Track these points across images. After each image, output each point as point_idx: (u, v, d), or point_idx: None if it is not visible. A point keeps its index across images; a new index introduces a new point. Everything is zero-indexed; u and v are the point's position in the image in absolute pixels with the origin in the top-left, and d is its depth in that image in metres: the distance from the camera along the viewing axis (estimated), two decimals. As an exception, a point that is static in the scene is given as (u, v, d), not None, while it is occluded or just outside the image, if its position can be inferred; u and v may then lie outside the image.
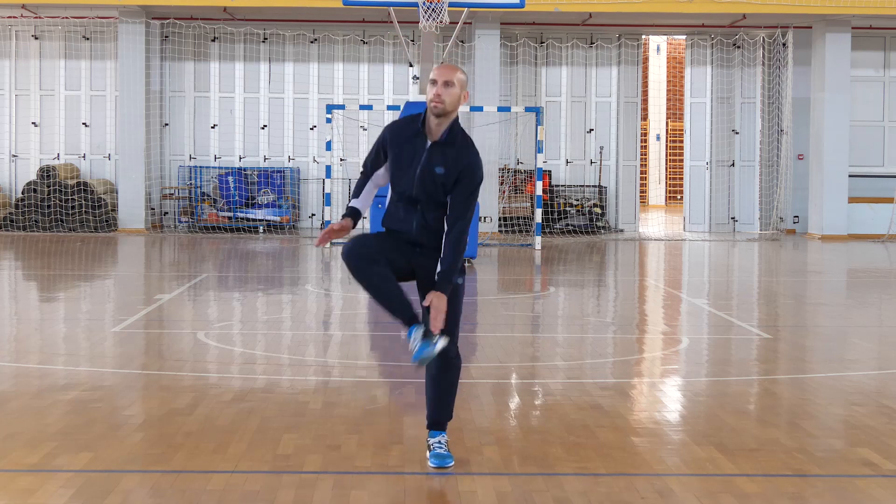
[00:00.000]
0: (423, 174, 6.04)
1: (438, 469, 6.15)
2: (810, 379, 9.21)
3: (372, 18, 25.68)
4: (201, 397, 7.98)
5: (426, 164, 6.05)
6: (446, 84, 6.01)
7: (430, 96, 6.01)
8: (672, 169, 39.02)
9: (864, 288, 17.13)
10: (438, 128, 6.07)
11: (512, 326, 12.30)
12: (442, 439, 6.26)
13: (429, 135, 6.08)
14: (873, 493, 5.88)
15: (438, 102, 5.99)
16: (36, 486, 5.81)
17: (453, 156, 6.05)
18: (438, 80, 6.01)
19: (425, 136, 6.09)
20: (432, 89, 6.01)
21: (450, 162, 6.04)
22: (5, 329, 11.77)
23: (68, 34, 26.40)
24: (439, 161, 6.04)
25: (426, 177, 6.04)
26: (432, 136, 6.08)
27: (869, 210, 26.16)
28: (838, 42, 25.45)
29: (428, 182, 6.04)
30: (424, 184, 6.04)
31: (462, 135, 6.13)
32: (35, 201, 24.76)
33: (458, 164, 6.05)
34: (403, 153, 6.08)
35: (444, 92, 6.00)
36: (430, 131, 6.08)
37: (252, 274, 17.83)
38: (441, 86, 6.00)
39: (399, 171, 6.09)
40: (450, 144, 6.07)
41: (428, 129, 6.08)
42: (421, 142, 6.08)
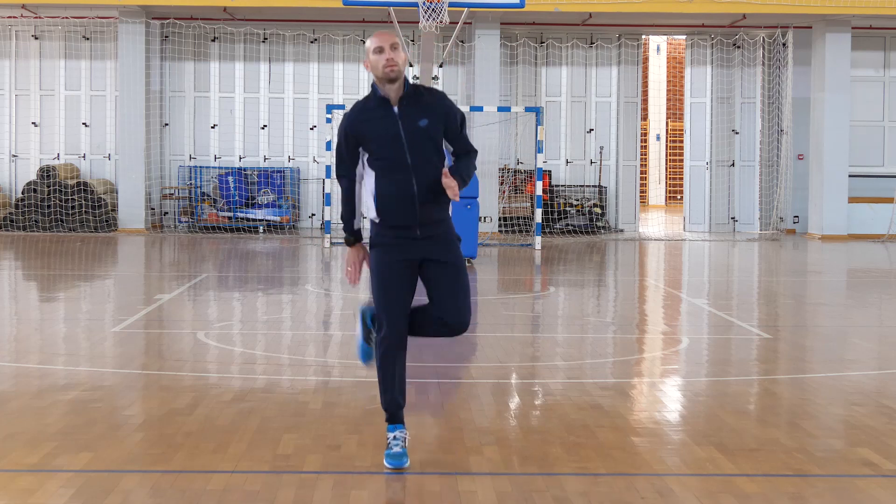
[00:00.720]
0: (410, 135, 6.05)
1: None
2: (810, 379, 9.21)
3: (372, 18, 25.68)
4: (201, 397, 7.98)
5: (407, 124, 6.05)
6: (393, 47, 6.04)
7: (383, 63, 6.02)
8: (672, 169, 39.02)
9: (864, 288, 17.13)
10: (397, 92, 6.09)
11: (512, 326, 12.30)
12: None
13: (391, 101, 6.09)
14: (873, 493, 5.88)
15: (393, 66, 6.03)
16: (36, 486, 5.81)
17: (427, 103, 6.12)
18: (385, 45, 6.04)
19: (389, 104, 6.09)
20: (381, 56, 6.03)
21: (427, 110, 6.09)
22: (5, 329, 11.77)
23: (68, 34, 26.40)
24: (417, 115, 6.07)
25: (414, 136, 6.04)
26: (395, 101, 6.09)
27: (869, 210, 26.16)
28: (838, 42, 25.45)
29: (418, 140, 6.04)
30: (415, 143, 6.04)
31: (419, 86, 6.18)
32: (35, 201, 24.76)
33: (437, 109, 6.12)
34: (379, 128, 6.07)
35: (394, 55, 6.03)
36: (390, 98, 6.10)
37: (252, 274, 17.83)
38: (390, 50, 6.03)
39: (383, 148, 6.06)
40: (416, 96, 6.11)
41: (386, 97, 6.10)
42: (388, 111, 6.09)
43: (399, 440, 6.19)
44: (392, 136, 6.05)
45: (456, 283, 6.14)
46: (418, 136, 6.05)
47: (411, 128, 6.05)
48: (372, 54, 6.06)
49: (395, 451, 6.16)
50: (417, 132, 6.05)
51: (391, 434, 6.21)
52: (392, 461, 6.14)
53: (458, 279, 6.15)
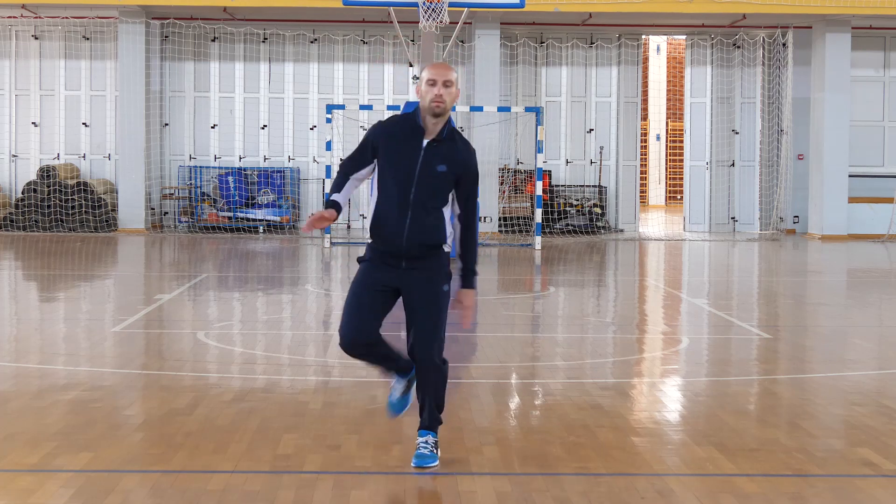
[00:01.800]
0: (424, 173, 6.04)
1: (419, 469, 6.15)
2: (810, 379, 9.21)
3: (372, 18, 25.67)
4: (201, 397, 7.99)
5: (426, 162, 6.05)
6: (446, 84, 6.03)
7: (431, 97, 6.01)
8: (672, 169, 39.02)
9: (864, 288, 17.13)
10: (435, 126, 6.08)
11: (512, 326, 12.30)
12: (429, 439, 6.25)
13: (425, 133, 6.09)
14: (873, 493, 5.88)
15: (440, 102, 6.01)
16: (36, 486, 5.81)
17: (453, 153, 6.09)
18: (438, 80, 6.02)
19: (421, 135, 6.09)
20: (431, 90, 6.01)
21: (450, 160, 6.07)
22: (5, 329, 11.77)
23: (68, 34, 26.40)
24: (440, 159, 6.05)
25: (426, 175, 6.04)
26: (429, 135, 6.08)
27: (869, 210, 26.15)
28: (838, 42, 25.45)
29: (428, 181, 6.04)
30: (424, 182, 6.04)
31: (458, 133, 6.19)
32: (35, 201, 24.76)
33: (459, 162, 6.09)
34: (399, 153, 6.07)
35: (444, 92, 6.02)
36: (426, 130, 6.09)
37: (252, 274, 17.83)
38: (441, 86, 6.02)
39: (395, 170, 6.06)
40: (449, 142, 6.10)
41: (424, 128, 6.09)
42: (417, 140, 6.08)
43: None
44: (407, 167, 6.05)
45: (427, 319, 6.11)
46: (431, 178, 6.05)
47: (427, 168, 6.05)
48: (424, 84, 6.05)
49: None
50: (432, 175, 6.05)
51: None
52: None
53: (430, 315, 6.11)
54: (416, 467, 6.15)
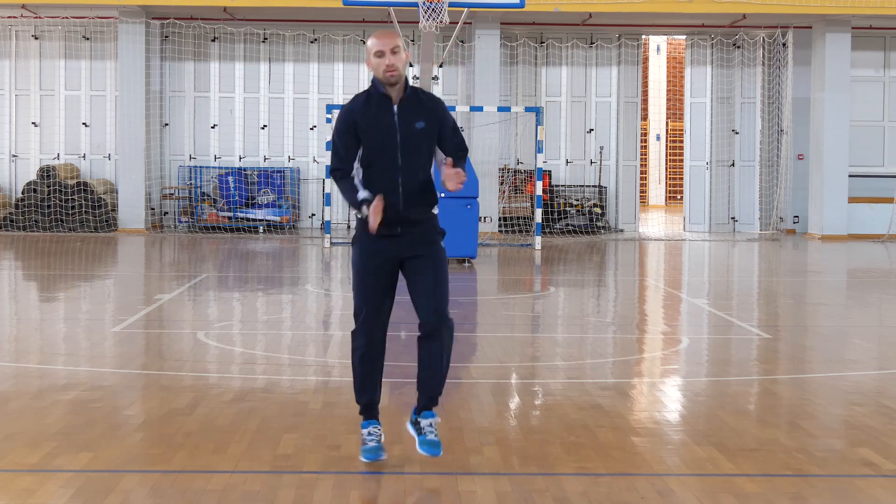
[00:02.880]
0: (405, 135, 6.09)
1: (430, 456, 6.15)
2: (810, 379, 9.21)
3: (372, 18, 25.67)
4: (201, 397, 7.99)
5: (404, 125, 6.09)
6: (394, 51, 6.07)
7: (383, 68, 6.05)
8: (672, 169, 39.02)
9: (864, 288, 17.13)
10: (397, 92, 6.14)
11: (512, 326, 12.30)
12: (434, 421, 6.24)
13: (391, 101, 6.14)
14: (873, 493, 5.88)
15: (393, 71, 6.07)
16: (36, 486, 5.81)
17: (425, 106, 6.16)
18: (385, 49, 6.06)
19: (389, 102, 6.13)
20: (382, 61, 6.05)
21: (425, 113, 6.14)
22: (5, 329, 11.77)
23: (68, 34, 26.40)
24: (415, 117, 6.11)
25: (409, 137, 6.09)
26: (396, 100, 6.14)
27: (869, 210, 26.16)
28: (838, 42, 25.45)
29: (412, 142, 6.10)
30: (408, 144, 6.09)
31: (419, 89, 6.24)
32: (35, 201, 24.76)
33: (435, 113, 6.16)
34: (377, 124, 6.10)
35: (395, 60, 6.06)
36: (391, 97, 6.14)
37: (252, 274, 17.83)
38: (390, 54, 6.06)
39: (379, 142, 6.09)
40: (415, 99, 6.16)
41: (388, 95, 6.14)
42: (387, 109, 6.12)
43: (374, 436, 6.25)
44: (388, 134, 6.09)
45: (430, 276, 6.13)
46: (413, 137, 6.11)
47: (408, 129, 6.10)
48: (373, 57, 6.09)
49: (370, 444, 6.23)
50: (413, 134, 6.11)
51: (365, 430, 6.27)
52: (368, 455, 6.20)
53: (434, 273, 6.14)
54: (430, 455, 6.14)
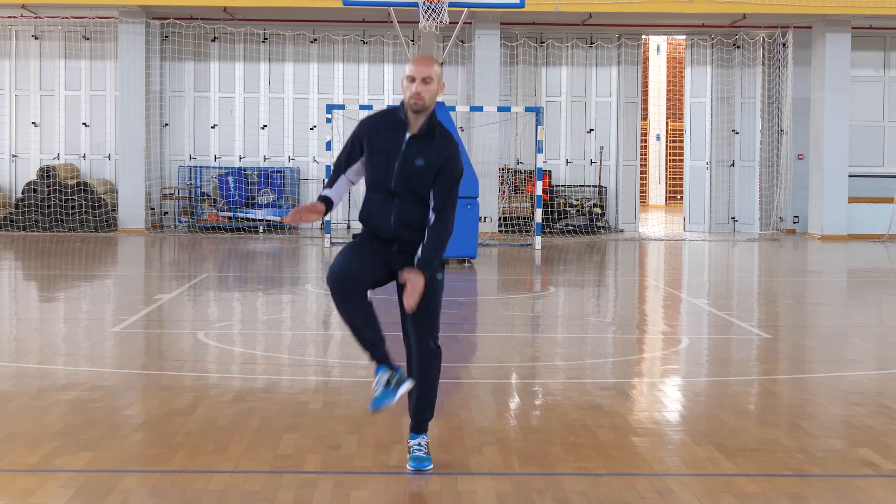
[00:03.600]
0: (403, 166, 6.04)
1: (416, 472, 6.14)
2: (810, 379, 9.21)
3: (372, 18, 25.67)
4: (201, 397, 7.98)
5: (405, 156, 6.05)
6: (425, 80, 6.00)
7: (410, 94, 6.00)
8: (672, 169, 39.01)
9: (864, 288, 17.13)
10: (417, 121, 6.08)
11: (512, 326, 12.30)
12: (422, 441, 6.24)
13: (408, 128, 6.09)
14: (873, 493, 5.88)
15: (418, 100, 6.00)
16: (36, 486, 5.81)
17: (433, 148, 6.06)
18: (417, 77, 5.99)
19: (405, 129, 6.08)
20: (410, 86, 5.99)
21: (430, 154, 6.05)
22: (5, 329, 11.77)
23: (68, 34, 26.40)
24: (419, 153, 6.04)
25: (406, 169, 6.03)
26: (411, 129, 6.08)
27: (869, 210, 26.15)
28: (838, 42, 25.45)
29: (408, 174, 6.03)
30: (404, 176, 6.03)
31: (441, 127, 6.13)
32: (35, 201, 24.76)
33: (439, 157, 6.06)
34: (382, 145, 6.07)
35: (423, 89, 5.99)
36: (409, 124, 6.09)
37: (252, 274, 17.83)
38: (420, 83, 5.99)
39: (377, 163, 6.07)
40: (429, 136, 6.07)
41: (407, 122, 6.09)
42: (400, 134, 6.07)
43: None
44: (387, 161, 6.05)
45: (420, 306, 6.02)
46: (410, 171, 6.03)
47: (408, 162, 6.03)
48: (405, 80, 6.04)
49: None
50: (411, 168, 6.03)
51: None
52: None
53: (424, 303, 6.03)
54: (414, 470, 6.14)
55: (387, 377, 6.07)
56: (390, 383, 6.06)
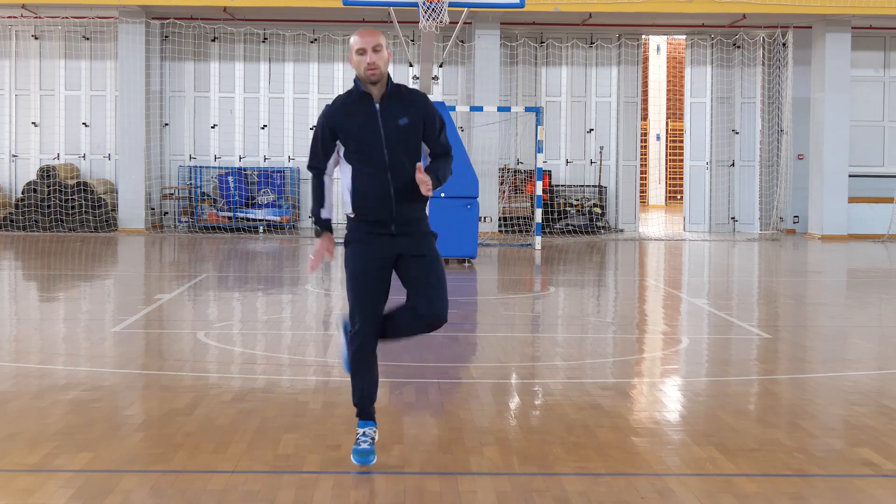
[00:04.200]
0: (389, 132, 6.06)
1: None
2: (810, 379, 9.21)
3: (372, 18, 25.67)
4: (201, 397, 7.98)
5: (386, 121, 6.07)
6: (375, 49, 6.04)
7: (364, 66, 6.03)
8: (672, 169, 39.02)
9: (864, 288, 17.13)
10: (379, 89, 6.11)
11: (512, 326, 12.29)
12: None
13: (374, 98, 6.12)
14: (873, 493, 5.88)
15: (374, 69, 6.04)
16: (36, 486, 5.81)
17: (408, 102, 6.14)
18: (367, 47, 6.03)
19: (371, 100, 6.11)
20: (363, 59, 6.03)
21: (408, 109, 6.11)
22: (5, 329, 11.77)
23: (68, 34, 26.40)
24: (397, 113, 6.09)
25: (392, 133, 6.06)
26: (377, 98, 6.11)
27: (869, 210, 26.16)
28: (838, 42, 25.45)
29: (396, 138, 6.06)
30: (393, 141, 6.06)
31: (402, 85, 6.21)
32: (35, 201, 24.76)
33: (418, 109, 6.13)
34: (358, 125, 6.09)
35: (376, 58, 6.04)
36: (372, 95, 6.12)
37: (252, 274, 17.83)
38: (371, 52, 6.03)
39: (361, 143, 6.08)
40: (397, 95, 6.13)
41: (369, 93, 6.12)
42: (369, 106, 6.10)
43: (368, 437, 6.21)
44: (371, 133, 6.07)
45: (431, 275, 6.13)
46: (397, 134, 6.08)
47: (391, 126, 6.07)
48: (355, 55, 6.07)
49: (362, 447, 6.18)
50: (397, 130, 6.07)
51: (360, 430, 6.23)
52: (359, 458, 6.16)
53: (434, 271, 6.14)
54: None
55: (373, 435, 6.22)
56: (374, 441, 6.23)
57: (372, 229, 6.11)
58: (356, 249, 6.15)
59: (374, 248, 6.12)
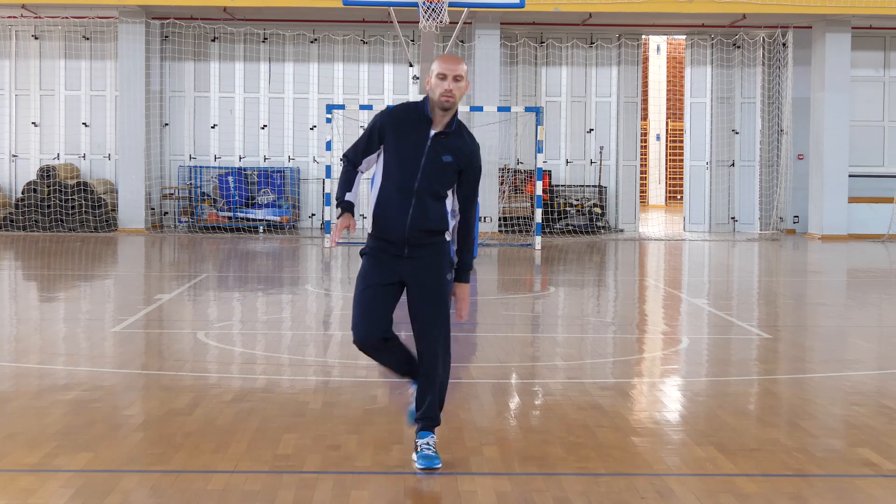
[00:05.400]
0: (430, 163, 6.06)
1: (425, 470, 6.14)
2: (810, 379, 9.21)
3: (372, 18, 25.67)
4: (201, 397, 7.98)
5: (432, 152, 6.07)
6: (456, 78, 6.04)
7: (441, 91, 6.02)
8: (672, 169, 39.02)
9: (864, 288, 17.13)
10: (443, 119, 6.10)
11: (512, 326, 12.30)
12: (430, 440, 6.24)
13: (433, 124, 6.10)
14: (873, 493, 5.88)
15: (449, 97, 6.03)
16: (36, 486, 5.81)
17: (459, 145, 6.12)
18: (448, 74, 6.03)
19: (429, 125, 6.10)
20: (441, 83, 6.02)
21: (456, 151, 6.10)
22: (5, 329, 11.77)
23: (68, 34, 26.40)
24: (446, 150, 6.08)
25: (432, 166, 6.06)
26: (436, 126, 6.10)
27: (869, 210, 26.15)
28: (838, 42, 25.45)
29: (434, 171, 6.06)
30: (429, 173, 6.06)
31: (465, 127, 6.23)
32: (35, 201, 24.76)
33: (465, 155, 6.13)
34: (407, 141, 6.08)
35: (454, 87, 6.03)
36: (434, 121, 6.11)
37: (252, 274, 17.83)
38: (452, 80, 6.03)
39: (401, 158, 6.07)
40: (456, 135, 6.13)
41: (433, 118, 6.11)
42: (425, 130, 6.09)
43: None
44: (413, 155, 6.06)
45: (425, 306, 6.14)
46: (436, 167, 6.07)
47: (434, 157, 6.07)
48: (435, 77, 6.05)
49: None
50: (437, 163, 6.07)
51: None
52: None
53: (429, 304, 6.14)
54: (423, 469, 6.13)
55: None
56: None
57: (385, 248, 6.14)
58: (367, 263, 6.21)
59: (384, 266, 6.15)
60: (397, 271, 6.15)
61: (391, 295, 6.18)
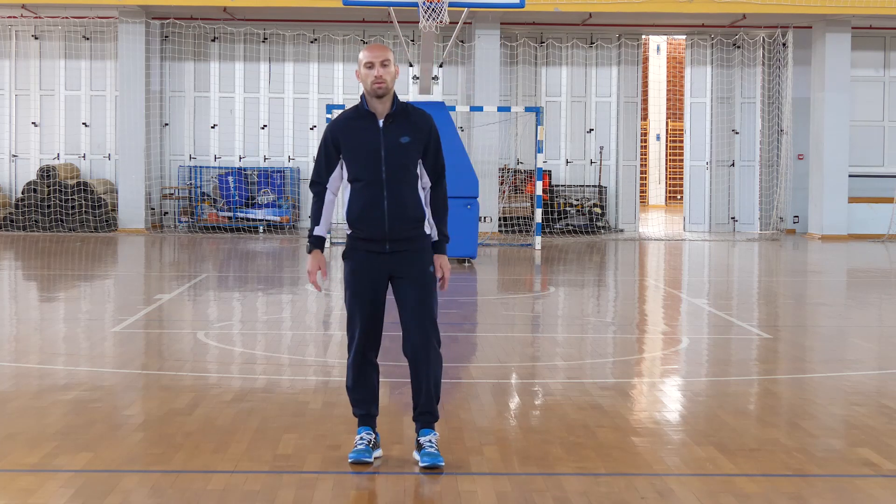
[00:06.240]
0: (389, 150, 6.12)
1: (429, 469, 6.13)
2: (810, 379, 9.21)
3: (372, 18, 25.67)
4: (201, 397, 7.98)
5: (388, 139, 6.13)
6: (384, 64, 6.11)
7: (371, 79, 6.10)
8: (672, 169, 39.02)
9: (864, 288, 17.12)
10: (384, 106, 6.18)
11: (512, 326, 12.29)
12: (432, 438, 6.25)
13: (377, 115, 6.17)
14: (873, 493, 5.88)
15: (381, 83, 6.11)
16: (36, 486, 5.81)
17: (412, 122, 6.19)
18: (375, 61, 6.11)
19: (374, 118, 6.17)
20: (370, 72, 6.11)
21: (411, 128, 6.18)
22: (5, 329, 11.77)
23: (68, 34, 26.40)
24: (400, 131, 6.15)
25: (393, 151, 6.12)
26: (381, 116, 6.17)
27: (869, 210, 26.15)
28: (838, 42, 25.44)
29: (396, 156, 6.12)
30: (392, 159, 6.12)
31: (409, 104, 6.28)
32: (35, 201, 24.76)
33: (420, 128, 6.20)
34: (360, 141, 6.15)
35: (383, 72, 6.11)
36: (376, 112, 6.18)
37: (252, 274, 17.83)
38: (379, 67, 6.11)
39: (360, 159, 6.14)
40: (402, 114, 6.20)
41: (373, 111, 6.18)
42: (372, 123, 6.17)
43: (365, 440, 6.26)
44: (372, 150, 6.14)
45: (411, 296, 6.19)
46: (397, 152, 6.14)
47: (392, 143, 6.14)
48: (363, 68, 6.15)
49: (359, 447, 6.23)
50: (397, 148, 6.14)
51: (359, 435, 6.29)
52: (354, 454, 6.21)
53: (414, 293, 6.19)
54: (427, 467, 6.13)
55: (371, 438, 6.28)
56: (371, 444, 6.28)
57: (367, 247, 6.21)
58: (352, 267, 6.27)
59: (368, 267, 6.23)
60: (382, 270, 6.22)
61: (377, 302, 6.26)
